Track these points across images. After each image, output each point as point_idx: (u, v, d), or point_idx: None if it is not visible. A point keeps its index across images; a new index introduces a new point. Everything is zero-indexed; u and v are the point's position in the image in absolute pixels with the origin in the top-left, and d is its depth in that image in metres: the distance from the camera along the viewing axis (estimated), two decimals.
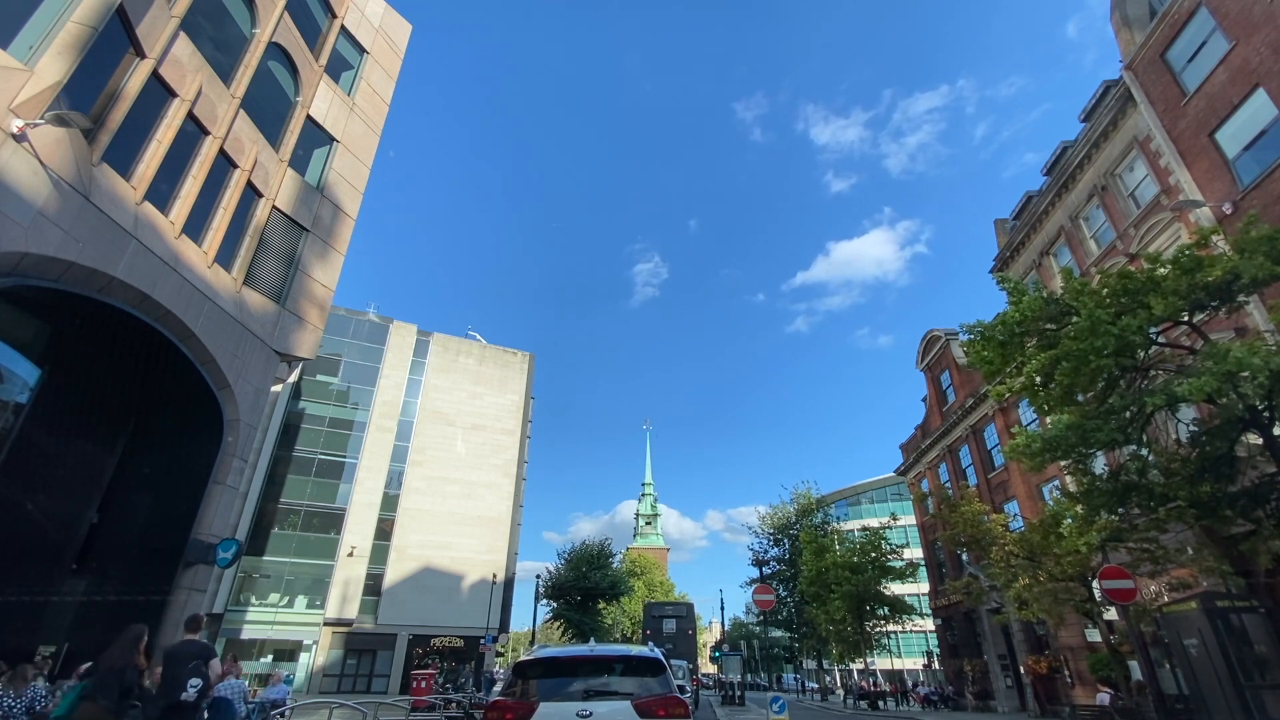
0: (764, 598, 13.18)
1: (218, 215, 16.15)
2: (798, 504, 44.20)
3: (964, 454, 30.37)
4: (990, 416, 27.18)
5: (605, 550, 41.36)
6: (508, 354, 49.46)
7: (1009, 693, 26.14)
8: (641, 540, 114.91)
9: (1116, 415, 8.73)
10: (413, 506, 41.47)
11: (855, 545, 30.79)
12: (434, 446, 43.61)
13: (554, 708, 5.14)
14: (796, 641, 42.00)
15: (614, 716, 5.09)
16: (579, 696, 5.26)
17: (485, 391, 47.08)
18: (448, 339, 47.66)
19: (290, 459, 38.85)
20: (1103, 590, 10.08)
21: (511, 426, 46.85)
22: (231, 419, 15.92)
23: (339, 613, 36.97)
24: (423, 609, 39.19)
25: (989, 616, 27.53)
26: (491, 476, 44.56)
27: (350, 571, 37.99)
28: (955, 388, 30.90)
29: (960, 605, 29.97)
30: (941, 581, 32.98)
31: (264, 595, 36.24)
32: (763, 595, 13.20)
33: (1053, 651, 22.60)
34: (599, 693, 5.33)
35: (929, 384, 33.88)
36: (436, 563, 40.87)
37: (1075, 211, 20.93)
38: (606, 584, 39.67)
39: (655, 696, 5.29)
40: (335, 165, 21.09)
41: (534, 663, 5.64)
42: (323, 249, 19.92)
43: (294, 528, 37.58)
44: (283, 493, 37.88)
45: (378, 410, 42.43)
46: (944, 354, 31.93)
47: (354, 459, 40.46)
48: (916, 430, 36.08)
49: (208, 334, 15.02)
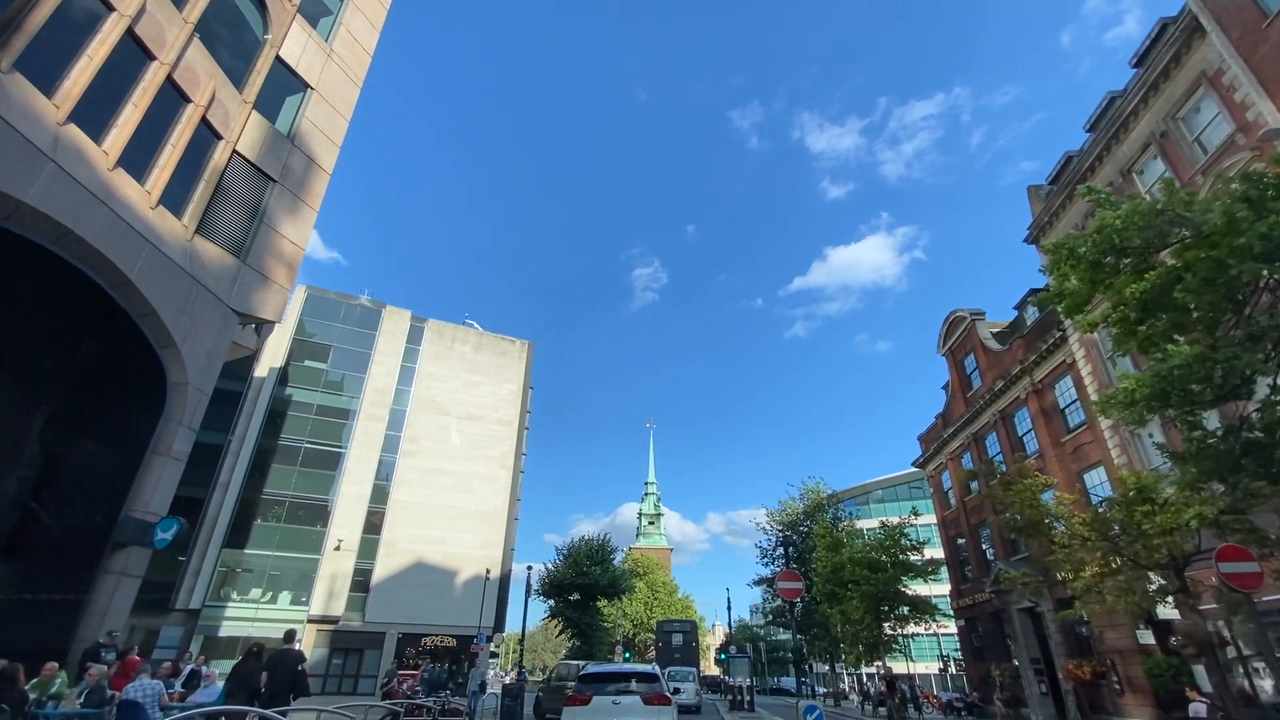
0: (790, 585, 11.09)
1: (165, 152, 14.26)
2: (807, 500, 42.11)
3: (991, 442, 28.26)
4: (1023, 400, 25.09)
5: (605, 545, 39.31)
6: (505, 342, 47.52)
7: (1043, 700, 23.98)
8: (644, 540, 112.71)
9: (1261, 341, 6.70)
10: (404, 499, 39.54)
11: (873, 542, 28.68)
12: (427, 436, 41.69)
13: (600, 697, 9.82)
14: (806, 643, 39.84)
15: (631, 703, 9.68)
16: (613, 691, 9.95)
17: (481, 380, 45.13)
18: (443, 325, 45.75)
19: (275, 448, 36.98)
20: (1220, 576, 8.06)
21: (508, 417, 44.88)
22: (178, 382, 13.98)
23: (324, 609, 35.05)
24: (414, 606, 37.23)
25: (1020, 617, 25.41)
26: (487, 468, 42.60)
27: (337, 566, 36.07)
28: (982, 371, 28.80)
29: (987, 605, 27.86)
30: (964, 580, 30.86)
31: (245, 590, 34.34)
32: (789, 583, 11.11)
33: (1098, 655, 20.49)
34: (623, 690, 10.01)
35: (951, 369, 31.78)
36: (429, 558, 38.92)
37: (1127, 165, 18.87)
38: (606, 581, 37.62)
39: (654, 693, 9.97)
40: (309, 114, 19.19)
41: (590, 675, 10.66)
42: (292, 203, 18.03)
43: (278, 519, 35.68)
44: (267, 482, 36.01)
45: (368, 398, 40.54)
46: (969, 336, 29.83)
47: (343, 448, 38.57)
48: (937, 419, 33.98)
49: (148, 282, 13.12)
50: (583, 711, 9.74)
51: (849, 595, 27.75)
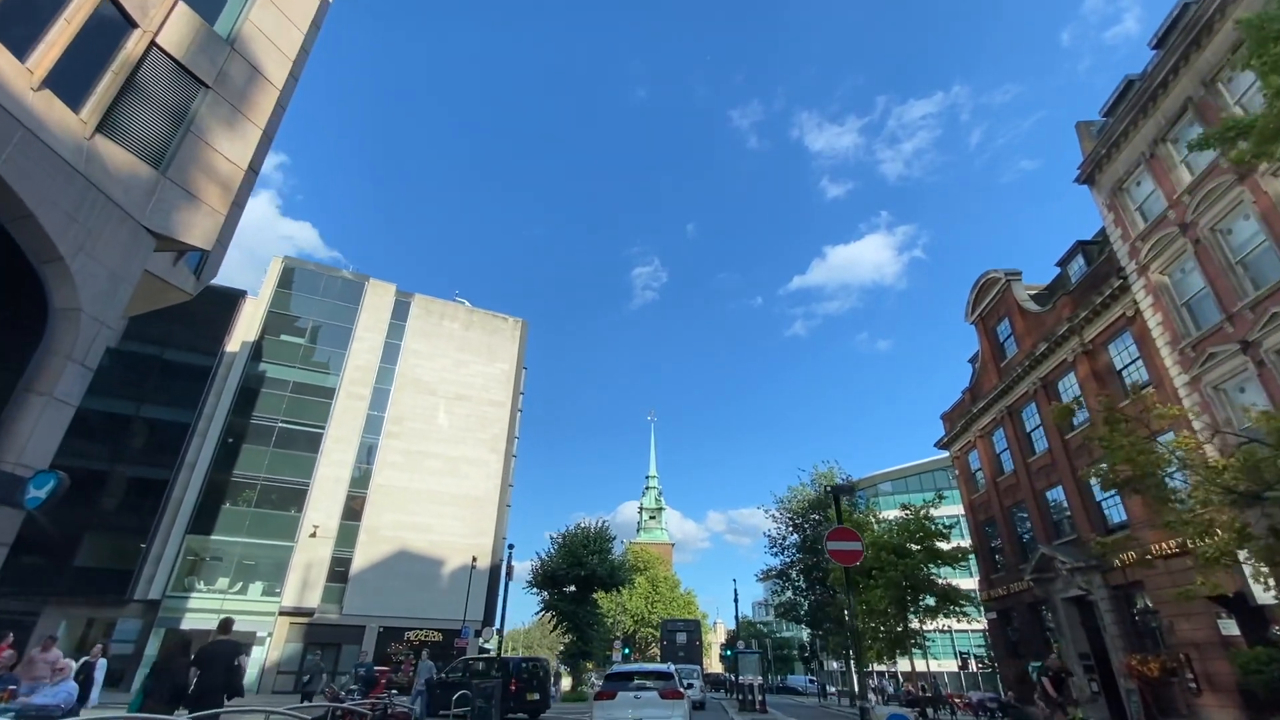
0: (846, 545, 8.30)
1: (56, 27, 11.64)
2: (819, 485, 39.37)
3: (1029, 415, 25.54)
4: (1070, 363, 22.36)
5: (604, 533, 36.60)
6: (497, 319, 44.80)
7: (1095, 699, 21.28)
8: (645, 535, 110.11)
9: None
10: (387, 483, 36.87)
11: (897, 525, 26.00)
12: (413, 417, 39.02)
13: (624, 693, 11.79)
14: (819, 638, 37.17)
15: (650, 697, 11.59)
16: (634, 687, 11.96)
17: (472, 359, 42.43)
18: (430, 301, 43.03)
19: (247, 427, 34.34)
20: None
21: (500, 398, 42.19)
22: (65, 307, 11.28)
23: (298, 601, 32.41)
24: (396, 598, 34.60)
25: (1065, 607, 22.70)
26: (477, 452, 39.92)
27: (313, 554, 33.42)
28: (1018, 337, 26.07)
29: (1024, 595, 25.16)
30: (995, 569, 28.15)
31: (212, 580, 31.71)
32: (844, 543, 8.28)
33: (1169, 648, 17.78)
34: (642, 686, 11.99)
35: (982, 337, 29.04)
36: (413, 546, 36.28)
37: (1209, 74, 16.10)
38: (604, 571, 34.90)
39: (669, 688, 11.93)
40: (254, 17, 16.46)
41: (614, 674, 13.11)
42: (230, 115, 15.34)
43: (249, 504, 33.04)
44: (237, 464, 33.38)
45: (350, 376, 37.88)
46: (1003, 299, 27.09)
47: (320, 428, 35.91)
48: (964, 395, 31.26)
49: (23, 176, 10.43)
50: (610, 705, 11.71)
51: (871, 584, 25.08)
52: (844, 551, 8.30)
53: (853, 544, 8.34)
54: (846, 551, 8.31)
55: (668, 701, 11.50)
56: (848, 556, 8.29)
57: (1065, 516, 23.15)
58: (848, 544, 8.37)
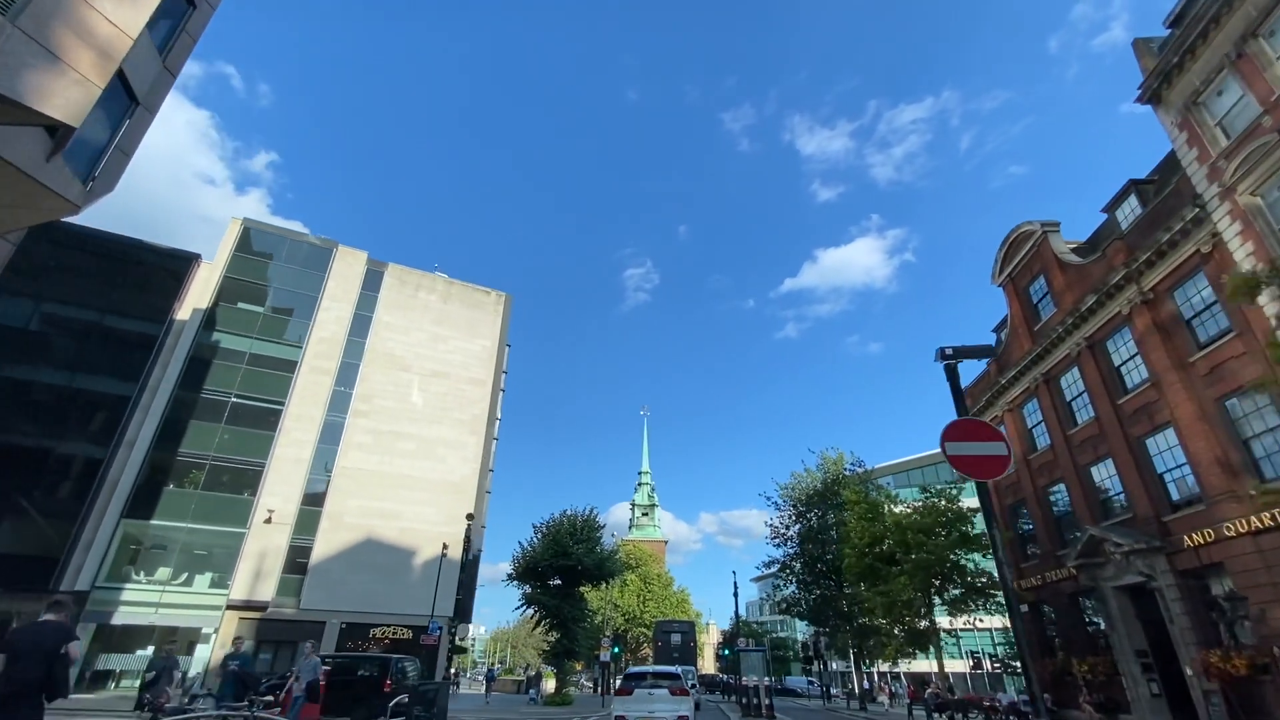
0: (980, 450, 4.86)
1: None
2: (825, 472, 36.40)
3: (1069, 381, 22.71)
4: (1125, 316, 19.53)
5: (592, 521, 33.48)
6: (479, 293, 41.60)
7: (1154, 703, 18.45)
8: (638, 532, 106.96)
9: None
10: (354, 465, 33.63)
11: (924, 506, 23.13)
12: (384, 395, 35.79)
13: (640, 689, 14.25)
14: (825, 636, 34.22)
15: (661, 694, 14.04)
16: (648, 685, 14.39)
17: (450, 334, 39.23)
18: (406, 271, 39.79)
19: (196, 401, 31.02)
20: None
21: (481, 376, 39.00)
22: None
23: (249, 593, 29.11)
24: (362, 591, 31.35)
25: (1118, 597, 19.84)
26: (455, 433, 36.72)
27: (267, 542, 30.13)
28: (1056, 295, 23.24)
29: (1064, 584, 22.32)
30: (1026, 558, 25.28)
31: (151, 569, 28.37)
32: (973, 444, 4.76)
33: (1260, 641, 14.90)
34: (655, 685, 14.39)
35: (1012, 300, 26.21)
36: (382, 534, 33.06)
37: None
38: (592, 562, 31.77)
39: (677, 687, 14.43)
40: None
41: (631, 674, 15.26)
42: None
43: (196, 485, 29.72)
44: (184, 442, 30.05)
45: (314, 349, 34.61)
46: (1039, 254, 24.27)
47: (280, 404, 32.63)
48: (989, 367, 28.42)
49: None
50: (628, 700, 14.21)
51: (892, 572, 22.16)
52: (975, 458, 4.86)
53: (992, 446, 4.97)
54: (980, 458, 4.87)
55: (676, 698, 14.21)
56: (983, 465, 4.85)
57: (1116, 494, 20.31)
58: (981, 446, 4.94)
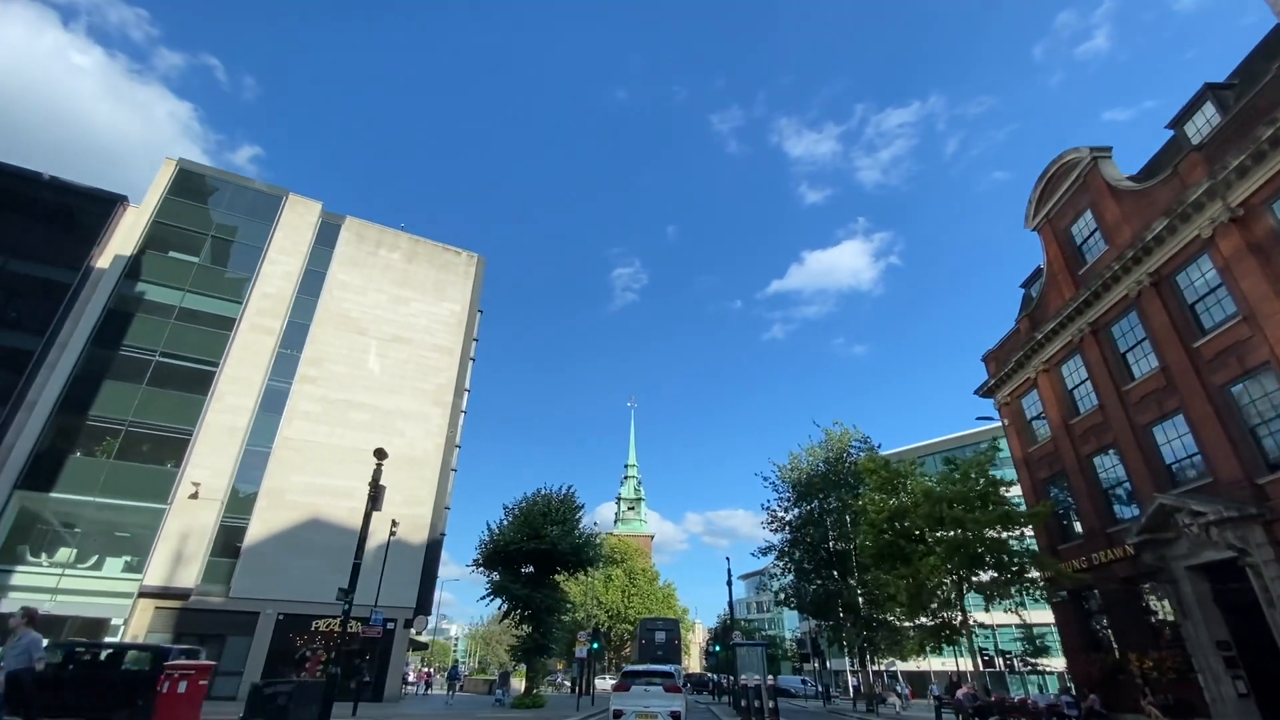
0: None
1: None
2: (831, 447, 32.93)
3: (1125, 328, 19.41)
4: (1206, 241, 16.22)
5: (570, 500, 29.80)
6: (448, 253, 37.71)
7: (1242, 704, 15.22)
8: (624, 526, 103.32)
9: None
10: (298, 436, 29.67)
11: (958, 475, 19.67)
12: (336, 359, 31.84)
13: (636, 686, 15.70)
14: (829, 630, 30.83)
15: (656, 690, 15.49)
16: (643, 682, 15.83)
17: (414, 296, 35.34)
18: (366, 225, 35.82)
19: (113, 359, 26.99)
20: None
21: (448, 343, 35.15)
22: None
23: (168, 579, 25.15)
24: (304, 578, 27.45)
25: (1193, 579, 16.55)
26: (417, 404, 32.87)
27: (192, 520, 26.17)
28: (1109, 229, 19.95)
29: (1117, 566, 19.01)
30: (1065, 538, 22.00)
31: (51, 549, 24.40)
32: None
33: None
34: (649, 682, 15.86)
35: (1050, 245, 22.92)
36: (330, 514, 29.18)
37: None
38: (568, 546, 28.11)
39: (671, 684, 15.89)
40: None
41: (628, 672, 16.88)
42: None
43: (108, 454, 25.70)
44: (96, 405, 26.01)
45: (256, 305, 30.61)
46: (1086, 185, 20.97)
47: (213, 366, 28.62)
48: (1018, 325, 25.18)
49: None
50: (625, 695, 15.66)
51: (919, 551, 18.73)
52: None
53: None
54: None
55: (669, 694, 15.56)
56: None
57: (1189, 456, 17.03)
58: None
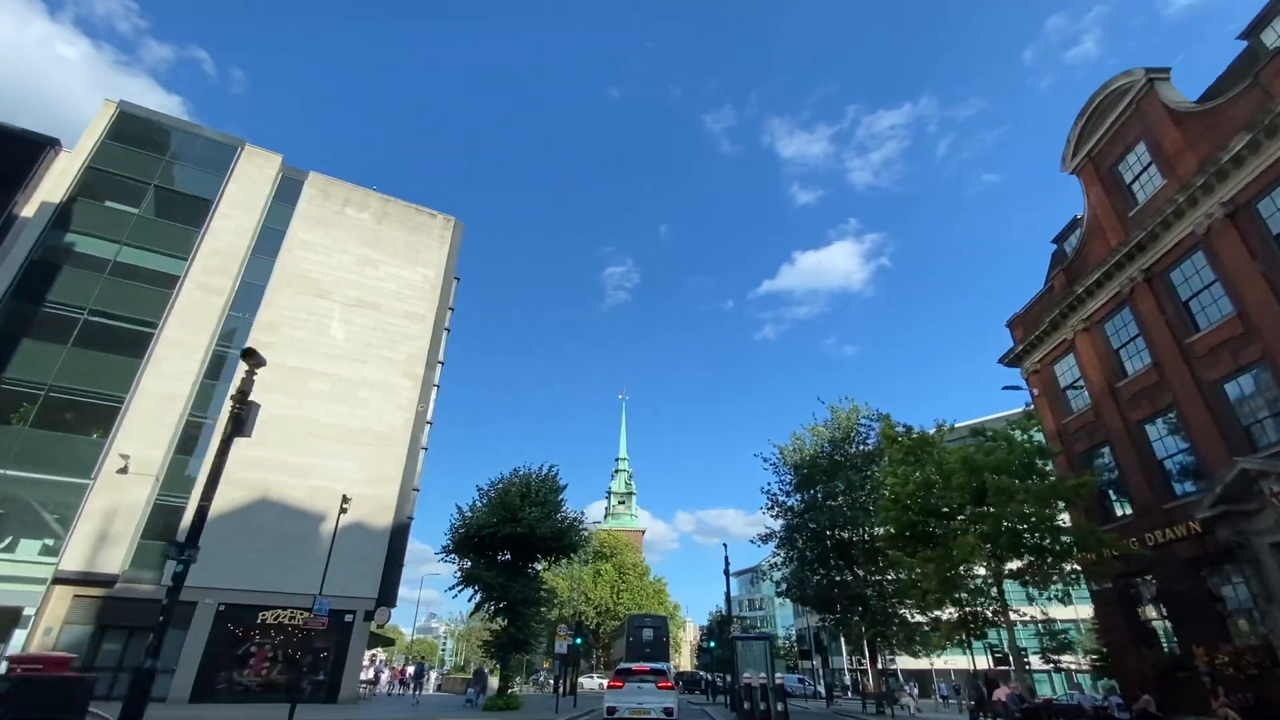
0: None
1: None
2: (839, 426, 30.27)
3: (1186, 273, 16.85)
4: None
5: (550, 481, 27.01)
6: (422, 214, 34.75)
7: None
8: (614, 521, 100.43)
9: None
10: None
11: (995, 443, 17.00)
12: (294, 324, 28.85)
13: (631, 683, 18.01)
14: (837, 624, 28.24)
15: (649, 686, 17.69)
16: (637, 679, 18.09)
17: (384, 259, 32.38)
18: (332, 182, 32.80)
19: (35, 317, 23.96)
20: None
21: (421, 310, 32.22)
22: None
23: (89, 563, 22.16)
24: (252, 564, 24.56)
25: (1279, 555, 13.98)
26: (385, 374, 29.95)
27: (119, 498, 23.18)
28: (1168, 160, 17.37)
29: (1180, 545, 16.46)
30: (1104, 518, 19.43)
31: None
32: None
33: None
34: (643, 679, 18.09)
35: (1093, 187, 20.35)
36: (284, 494, 26.27)
37: None
38: (548, 530, 25.33)
39: (663, 680, 18.27)
40: None
41: (622, 670, 19.35)
42: None
43: (24, 422, 22.67)
44: (10, 366, 22.96)
45: (203, 262, 27.58)
46: (1138, 114, 18.39)
47: (151, 327, 25.61)
48: (1050, 283, 22.63)
49: None
50: (620, 691, 17.52)
51: (951, 528, 16.10)
52: None
53: None
54: None
55: (662, 690, 17.43)
56: None
57: (1273, 415, 14.47)
58: None
